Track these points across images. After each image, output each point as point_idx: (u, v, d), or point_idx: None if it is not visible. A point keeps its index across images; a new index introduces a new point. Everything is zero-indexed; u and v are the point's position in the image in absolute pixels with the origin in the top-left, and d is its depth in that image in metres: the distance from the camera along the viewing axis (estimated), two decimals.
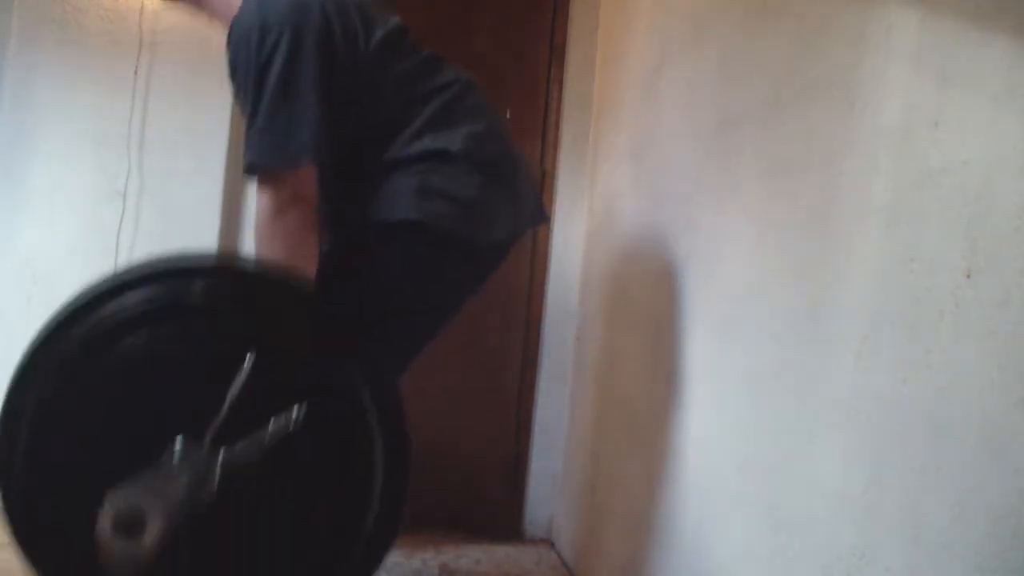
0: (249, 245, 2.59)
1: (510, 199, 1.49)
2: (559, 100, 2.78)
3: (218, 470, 0.96)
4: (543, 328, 2.76)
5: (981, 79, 0.82)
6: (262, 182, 1.27)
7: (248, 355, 0.97)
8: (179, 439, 0.97)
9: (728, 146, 1.48)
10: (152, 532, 0.91)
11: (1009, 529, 0.72)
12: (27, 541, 0.99)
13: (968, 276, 0.80)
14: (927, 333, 0.85)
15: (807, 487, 1.07)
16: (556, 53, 2.79)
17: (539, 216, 1.62)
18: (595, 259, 2.53)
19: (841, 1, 1.13)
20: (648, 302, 1.89)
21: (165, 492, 0.93)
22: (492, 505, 2.72)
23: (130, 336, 1.01)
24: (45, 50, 2.48)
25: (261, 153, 1.25)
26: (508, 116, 2.76)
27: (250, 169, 1.27)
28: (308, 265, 1.26)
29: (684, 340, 1.60)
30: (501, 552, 2.53)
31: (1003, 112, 0.79)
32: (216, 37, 2.52)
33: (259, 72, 1.26)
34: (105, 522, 0.91)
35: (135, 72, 2.48)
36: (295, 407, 0.97)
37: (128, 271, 1.07)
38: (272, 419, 0.97)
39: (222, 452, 0.96)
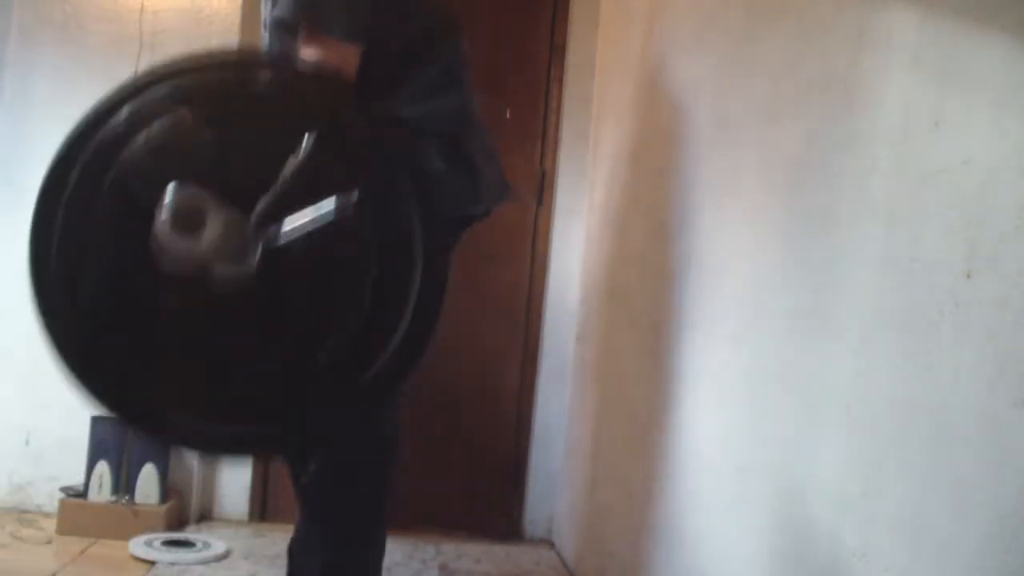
0: None
1: (477, 176, 1.48)
2: (559, 100, 2.77)
3: (260, 246, 0.92)
4: (543, 328, 2.76)
5: (981, 79, 0.82)
6: (311, 39, 1.23)
7: (307, 136, 0.92)
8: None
9: (728, 146, 1.48)
10: (211, 233, 0.88)
11: (1009, 529, 0.72)
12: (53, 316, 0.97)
13: (968, 276, 0.80)
14: (927, 333, 0.85)
15: (807, 487, 1.07)
16: (556, 53, 2.79)
17: (504, 193, 1.58)
18: (595, 259, 2.53)
19: (841, 1, 1.13)
20: (648, 302, 1.89)
21: (224, 208, 0.90)
22: (492, 505, 2.72)
23: (185, 111, 0.98)
24: (45, 50, 2.48)
25: (323, 19, 1.23)
26: (508, 116, 2.76)
27: (313, 31, 1.23)
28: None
29: (684, 340, 1.60)
30: (501, 552, 2.53)
31: (1003, 112, 0.79)
32: (216, 37, 2.53)
33: None
34: (165, 214, 0.88)
35: (135, 72, 2.48)
36: (348, 195, 0.91)
37: (189, 57, 1.03)
38: (321, 203, 0.91)
39: (265, 233, 0.92)
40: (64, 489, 2.33)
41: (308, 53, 1.23)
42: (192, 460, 2.47)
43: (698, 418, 1.50)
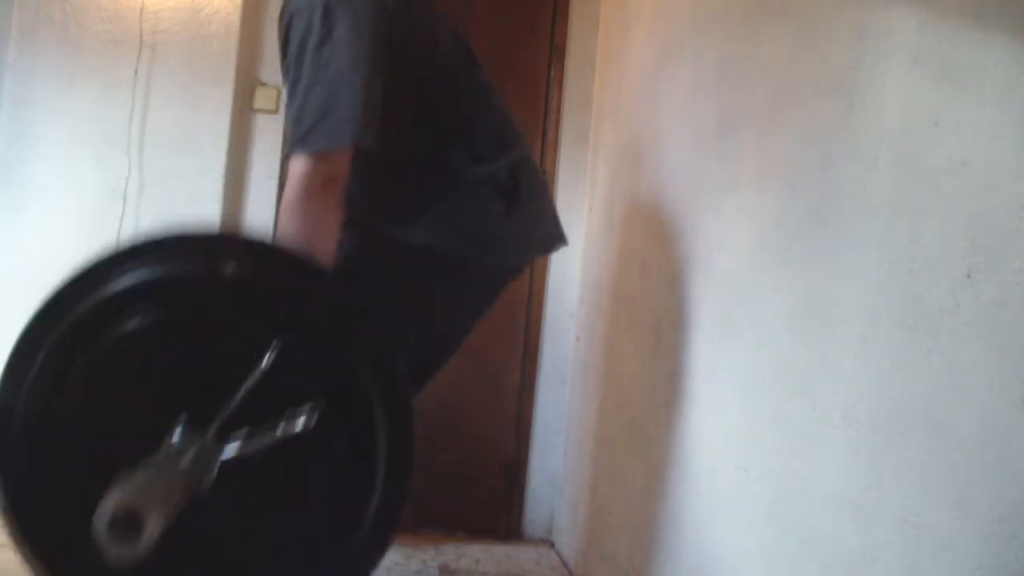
0: None
1: (530, 225, 1.50)
2: (559, 100, 2.78)
3: (219, 462, 0.94)
4: (543, 328, 2.76)
5: (981, 79, 0.82)
6: (299, 159, 1.23)
7: (271, 346, 0.93)
8: (180, 427, 0.94)
9: (728, 146, 1.48)
10: (150, 533, 0.90)
11: (1009, 529, 0.72)
12: (26, 535, 0.98)
13: (968, 276, 0.80)
14: (927, 333, 0.85)
15: (807, 487, 1.07)
16: (556, 53, 2.79)
17: (557, 239, 1.62)
18: (595, 259, 2.53)
19: (841, 1, 1.13)
20: (648, 302, 1.89)
21: (164, 489, 0.91)
22: (492, 505, 2.72)
23: (140, 314, 0.97)
24: (45, 50, 2.48)
25: (315, 137, 1.22)
26: None
27: (300, 148, 1.23)
28: (327, 250, 1.24)
29: (684, 340, 1.60)
30: (501, 552, 2.53)
31: (1003, 112, 0.79)
32: (216, 37, 2.53)
33: (314, 48, 1.23)
34: (101, 523, 0.90)
35: (135, 72, 2.48)
36: (310, 407, 0.95)
37: (142, 243, 1.02)
38: (283, 417, 0.94)
39: (225, 444, 0.94)
40: None
41: (295, 178, 1.22)
42: None
43: (698, 418, 1.50)
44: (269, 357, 0.94)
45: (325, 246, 1.23)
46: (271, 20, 2.68)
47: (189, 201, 2.52)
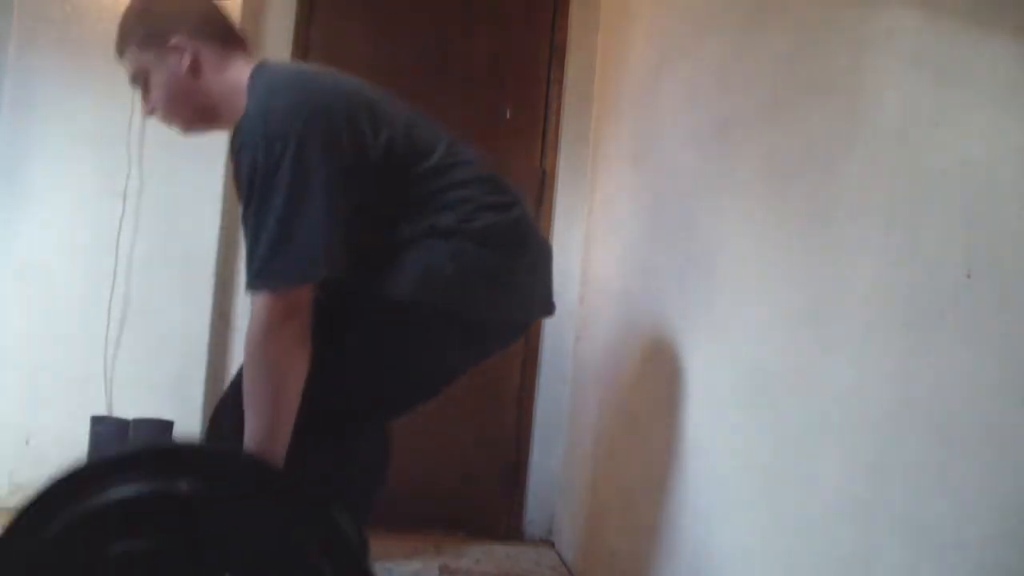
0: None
1: (526, 286, 1.46)
2: (559, 100, 2.78)
3: None
4: (543, 328, 2.76)
5: (981, 79, 0.82)
6: (260, 295, 1.22)
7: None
8: None
9: (728, 146, 1.48)
10: None
11: (1009, 529, 0.72)
12: None
13: (968, 276, 0.80)
14: (927, 333, 0.85)
15: (807, 487, 1.07)
16: (556, 53, 2.79)
17: (548, 308, 1.57)
18: (595, 259, 2.53)
19: (841, 1, 1.13)
20: (648, 301, 1.89)
21: None
22: (492, 505, 2.72)
23: (108, 533, 0.98)
24: (45, 51, 2.48)
25: (268, 275, 1.21)
26: (508, 116, 2.76)
27: (253, 286, 1.22)
28: (297, 385, 1.22)
29: (684, 340, 1.60)
30: (501, 552, 2.53)
31: (1003, 112, 0.79)
32: None
33: (266, 182, 1.21)
34: None
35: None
36: None
37: (116, 459, 1.03)
38: None
39: None
40: None
41: (257, 314, 1.21)
42: None
43: (698, 418, 1.50)
44: None
45: (294, 383, 1.22)
46: (271, 20, 2.68)
47: (189, 201, 2.52)
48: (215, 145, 2.51)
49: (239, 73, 1.37)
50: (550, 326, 2.76)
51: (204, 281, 2.50)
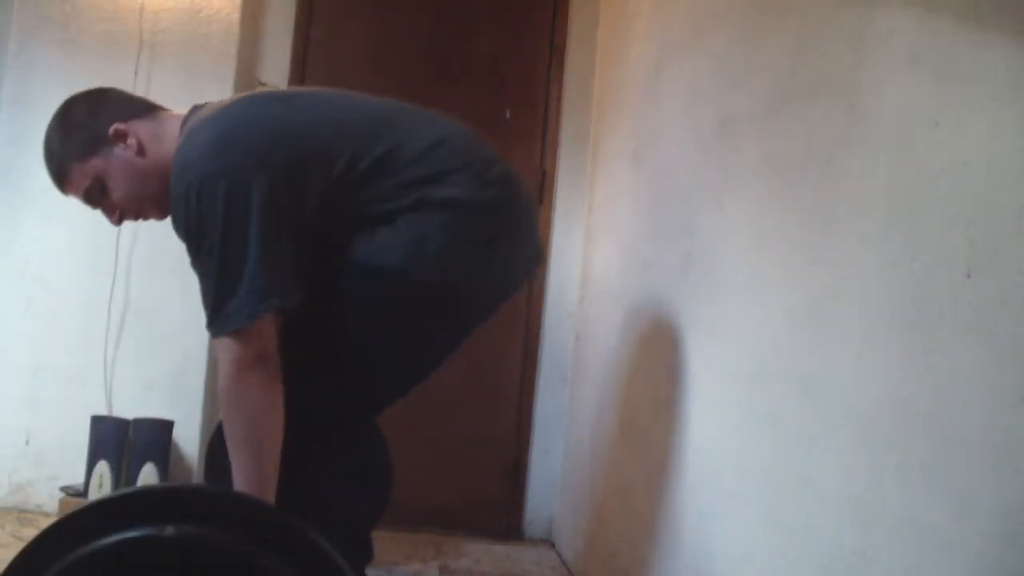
0: None
1: (512, 249, 1.43)
2: (559, 100, 2.78)
3: None
4: (543, 328, 2.76)
5: (981, 79, 0.82)
6: (224, 344, 1.22)
7: None
8: None
9: (728, 146, 1.48)
10: None
11: (1009, 529, 0.72)
12: None
13: (968, 276, 0.80)
14: (927, 333, 0.85)
15: (807, 487, 1.07)
16: (556, 53, 2.79)
17: (535, 261, 1.54)
18: (595, 259, 2.53)
19: (841, 1, 1.13)
20: (648, 301, 1.89)
21: None
22: (492, 505, 2.72)
23: None
24: (45, 50, 2.48)
25: (219, 322, 1.21)
26: (508, 116, 2.76)
27: (211, 333, 1.23)
28: (276, 427, 1.22)
29: (684, 340, 1.60)
30: (501, 552, 2.53)
31: (1003, 112, 0.79)
32: (216, 37, 2.53)
33: (198, 231, 1.21)
34: None
35: (135, 72, 2.48)
36: None
37: (99, 505, 1.01)
38: None
39: None
40: (64, 489, 2.33)
41: (224, 363, 1.21)
42: (192, 459, 2.47)
43: (698, 418, 1.50)
44: None
45: (271, 426, 1.21)
46: (271, 20, 2.68)
47: None
48: None
49: (174, 127, 1.36)
50: (550, 326, 2.76)
51: None
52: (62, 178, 1.39)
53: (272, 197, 1.23)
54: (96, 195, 1.39)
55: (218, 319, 1.21)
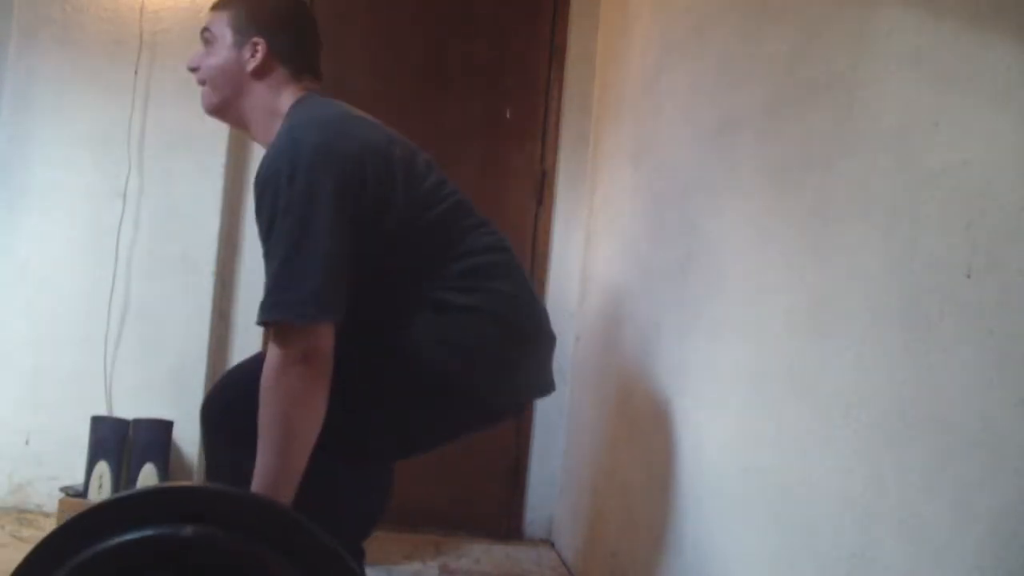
0: (246, 249, 2.59)
1: (530, 366, 1.46)
2: (559, 100, 2.78)
3: None
4: None
5: (981, 79, 0.82)
6: (274, 334, 1.23)
7: None
8: None
9: (728, 146, 1.48)
10: None
11: (1009, 529, 0.72)
12: None
13: (968, 276, 0.80)
14: (927, 333, 0.85)
15: (807, 487, 1.07)
16: (556, 54, 2.79)
17: (548, 387, 1.56)
18: (595, 259, 2.53)
19: (841, 2, 1.13)
20: (648, 302, 1.89)
21: None
22: (492, 505, 2.72)
23: None
24: (45, 50, 2.48)
25: (273, 309, 1.21)
26: (508, 116, 2.76)
27: (261, 322, 1.23)
28: (308, 426, 1.21)
29: (684, 340, 1.60)
30: (501, 552, 2.53)
31: (1003, 112, 0.79)
32: None
33: (280, 219, 1.22)
34: None
35: (135, 72, 2.48)
36: None
37: (113, 504, 1.01)
38: None
39: None
40: (64, 489, 2.33)
41: (271, 354, 1.21)
42: (191, 459, 2.47)
43: (698, 418, 1.50)
44: None
45: (305, 426, 1.21)
46: None
47: (189, 201, 2.52)
48: (215, 145, 2.52)
49: (287, 100, 1.41)
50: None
51: (204, 281, 2.50)
52: (222, 6, 1.47)
53: (349, 216, 1.25)
54: (205, 42, 1.47)
55: (267, 308, 1.22)
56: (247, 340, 2.57)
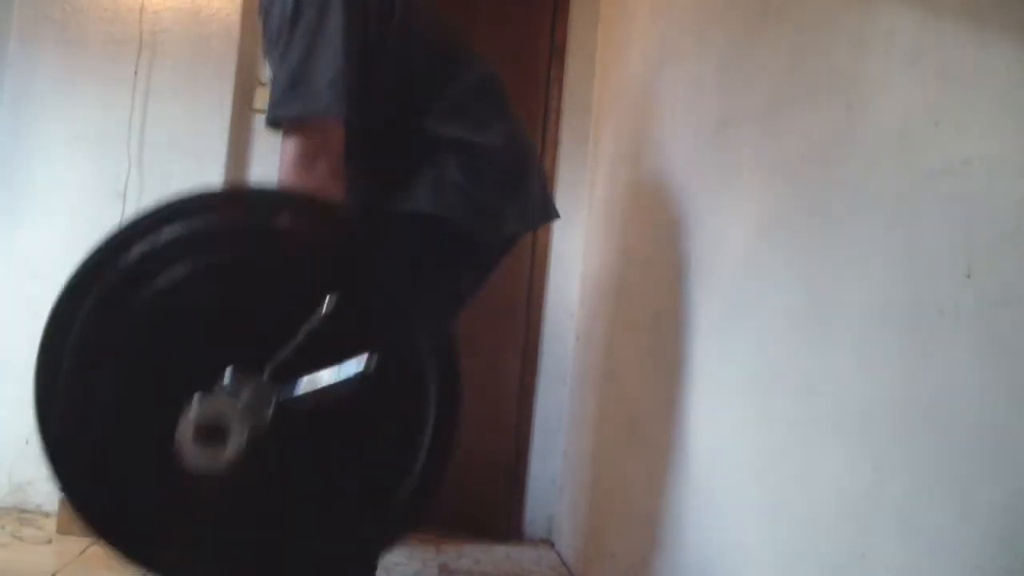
0: None
1: (523, 196, 1.48)
2: (559, 100, 2.77)
3: (273, 405, 0.92)
4: (543, 328, 2.76)
5: (981, 79, 0.82)
6: (287, 133, 1.23)
7: (329, 296, 0.91)
8: (229, 371, 0.92)
9: (728, 146, 1.48)
10: (233, 447, 0.88)
11: (1009, 529, 0.72)
12: (65, 474, 0.96)
13: (968, 276, 0.80)
14: (927, 333, 0.85)
15: (807, 487, 1.07)
16: (556, 53, 2.79)
17: (549, 213, 1.59)
18: (595, 259, 2.53)
19: (841, 1, 1.13)
20: (648, 302, 1.89)
21: (236, 412, 0.90)
22: (492, 505, 2.72)
23: (191, 261, 0.96)
24: (45, 50, 2.48)
25: (287, 103, 1.23)
26: None
27: (274, 122, 1.24)
28: None
29: (684, 340, 1.60)
30: (501, 552, 2.53)
31: (1003, 112, 0.79)
32: (216, 37, 2.53)
33: (290, 24, 1.24)
34: (188, 428, 0.89)
35: (135, 72, 2.48)
36: (366, 358, 0.92)
37: (202, 196, 1.01)
38: (338, 365, 0.92)
39: (280, 387, 0.92)
40: None
41: (286, 151, 1.22)
42: None
43: (698, 418, 1.50)
44: (329, 303, 0.91)
45: None
46: None
47: None
48: (215, 145, 2.52)
49: None
50: (550, 326, 2.76)
51: None
52: None
53: (360, 25, 1.27)
54: None
55: (282, 105, 1.22)
56: None
